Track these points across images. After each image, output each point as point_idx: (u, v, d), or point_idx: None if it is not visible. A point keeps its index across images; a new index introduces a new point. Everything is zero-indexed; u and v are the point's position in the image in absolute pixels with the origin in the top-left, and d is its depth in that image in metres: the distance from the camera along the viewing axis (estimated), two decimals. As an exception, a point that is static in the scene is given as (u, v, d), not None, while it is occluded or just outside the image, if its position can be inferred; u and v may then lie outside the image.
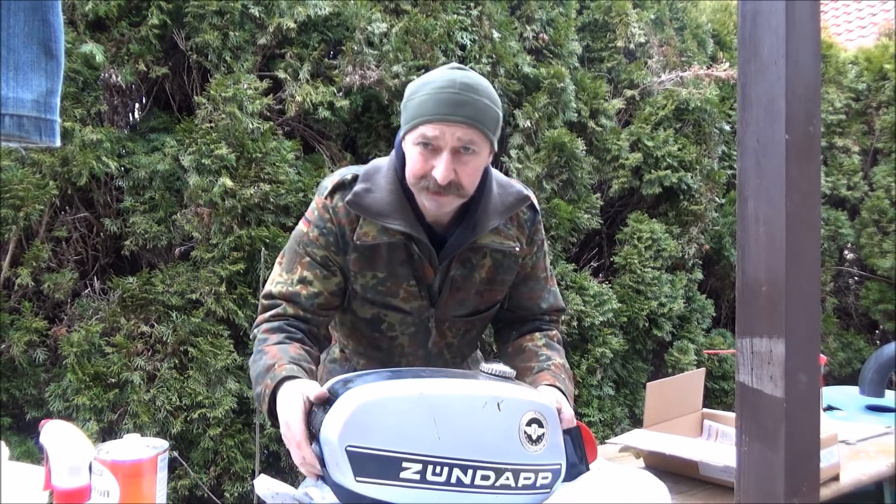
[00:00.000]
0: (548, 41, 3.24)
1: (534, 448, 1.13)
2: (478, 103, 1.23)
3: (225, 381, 2.42)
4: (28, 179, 2.26)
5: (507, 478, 1.11)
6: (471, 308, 1.42)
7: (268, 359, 1.25)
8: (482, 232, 1.34)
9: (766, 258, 0.83)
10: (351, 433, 1.03)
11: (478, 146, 1.24)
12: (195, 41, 2.48)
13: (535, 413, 1.13)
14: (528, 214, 1.43)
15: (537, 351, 1.43)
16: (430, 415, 1.06)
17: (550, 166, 3.12)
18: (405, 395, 1.06)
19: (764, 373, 0.83)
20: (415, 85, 1.29)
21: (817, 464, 0.84)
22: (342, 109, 2.63)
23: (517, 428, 1.11)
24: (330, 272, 1.35)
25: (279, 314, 1.34)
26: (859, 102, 4.71)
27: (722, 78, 3.59)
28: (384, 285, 1.35)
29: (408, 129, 1.26)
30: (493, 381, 1.15)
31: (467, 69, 1.28)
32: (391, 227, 1.30)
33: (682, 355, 3.47)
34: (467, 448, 1.08)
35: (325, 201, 1.34)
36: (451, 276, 1.36)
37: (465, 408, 1.09)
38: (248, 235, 2.43)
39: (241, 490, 2.44)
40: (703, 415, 1.83)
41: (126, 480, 1.06)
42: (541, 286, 1.50)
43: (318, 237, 1.35)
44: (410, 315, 1.38)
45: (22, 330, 2.28)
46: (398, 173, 1.33)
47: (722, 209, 3.83)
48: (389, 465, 1.04)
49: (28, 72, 0.76)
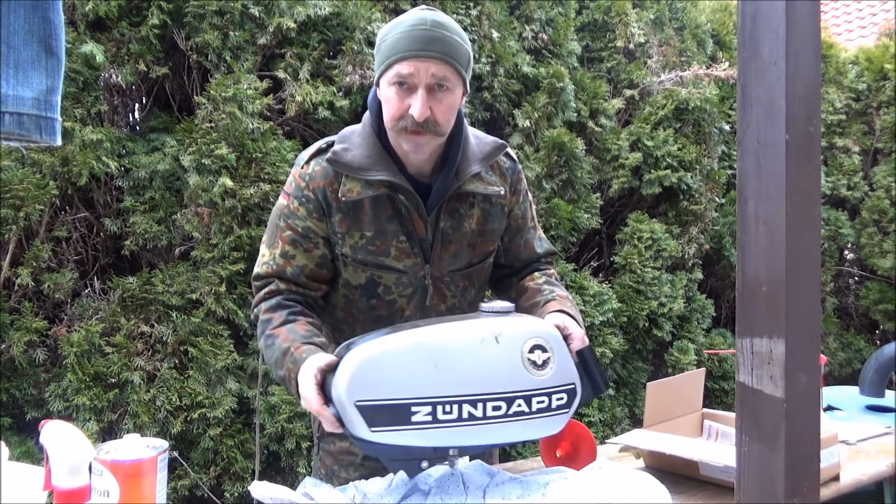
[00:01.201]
0: (547, 41, 3.24)
1: (541, 373, 1.16)
2: (449, 39, 1.25)
3: (225, 381, 2.42)
4: (28, 179, 2.26)
5: (518, 405, 1.14)
6: (464, 261, 1.42)
7: (280, 342, 1.27)
8: (465, 177, 1.36)
9: (766, 258, 0.83)
10: (357, 389, 1.08)
11: (451, 83, 1.26)
12: (195, 41, 2.48)
13: (536, 339, 1.16)
14: (508, 163, 1.46)
15: (539, 287, 1.45)
16: (430, 360, 1.10)
17: (550, 166, 3.12)
18: (403, 345, 1.11)
19: (764, 373, 0.83)
20: (385, 28, 1.31)
21: (817, 464, 0.84)
22: (342, 109, 2.63)
23: (520, 356, 1.14)
24: (312, 244, 1.36)
25: (273, 291, 1.36)
26: (859, 102, 4.70)
27: (722, 78, 3.59)
28: (374, 244, 1.35)
29: (382, 69, 1.27)
30: (491, 318, 1.18)
31: (436, 9, 1.30)
32: (374, 179, 1.31)
33: (682, 355, 3.47)
34: (473, 384, 1.12)
35: (302, 170, 1.36)
36: (442, 229, 1.37)
37: (464, 347, 1.12)
38: (248, 235, 2.43)
39: (241, 490, 2.44)
40: (703, 415, 1.83)
41: (126, 480, 1.06)
42: (532, 235, 1.53)
43: (297, 208, 1.36)
44: (405, 274, 1.38)
45: (22, 330, 2.28)
46: (374, 128, 1.35)
47: (722, 209, 3.83)
48: (399, 411, 1.09)
49: (28, 69, 0.76)
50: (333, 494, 1.23)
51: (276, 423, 2.47)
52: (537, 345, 1.16)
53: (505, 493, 1.22)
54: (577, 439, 1.49)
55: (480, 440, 1.16)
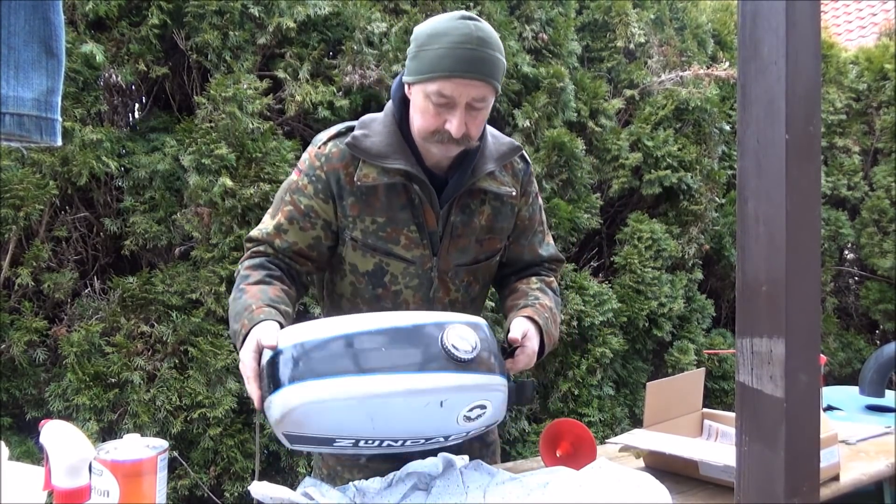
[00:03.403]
0: (547, 41, 3.24)
1: (470, 423, 1.16)
2: (493, 58, 1.26)
3: (225, 380, 2.42)
4: (28, 179, 2.26)
5: (437, 441, 1.18)
6: (471, 256, 1.43)
7: (247, 297, 1.27)
8: (480, 174, 1.37)
9: (766, 258, 0.83)
10: (287, 426, 1.09)
11: (488, 100, 1.29)
12: (195, 41, 2.48)
13: (481, 401, 1.14)
14: (521, 165, 1.48)
15: (528, 291, 1.45)
16: (367, 415, 1.08)
17: (550, 166, 3.12)
18: (345, 398, 1.06)
19: (764, 373, 0.83)
20: (426, 33, 1.27)
21: (817, 464, 0.84)
22: (342, 109, 2.63)
23: (457, 416, 1.14)
24: (310, 223, 1.37)
25: (261, 251, 1.38)
26: (860, 102, 4.70)
27: (722, 78, 3.59)
28: (384, 230, 1.36)
29: (420, 80, 1.26)
30: (444, 374, 1.09)
31: (478, 18, 1.28)
32: (391, 167, 1.32)
33: (682, 355, 3.47)
34: (401, 433, 1.13)
35: (318, 150, 1.37)
36: (452, 222, 1.38)
37: (406, 407, 1.09)
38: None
39: (240, 490, 2.44)
40: (703, 415, 1.83)
41: (126, 480, 1.07)
42: (539, 239, 1.54)
43: (306, 185, 1.37)
44: (413, 264, 1.38)
45: (22, 330, 2.28)
46: (395, 118, 1.36)
47: (722, 209, 3.82)
48: (323, 441, 1.11)
49: (29, 70, 0.76)
50: (333, 494, 1.23)
51: (276, 422, 2.46)
52: (479, 405, 1.14)
53: (505, 493, 1.22)
54: (577, 439, 1.49)
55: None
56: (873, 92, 4.73)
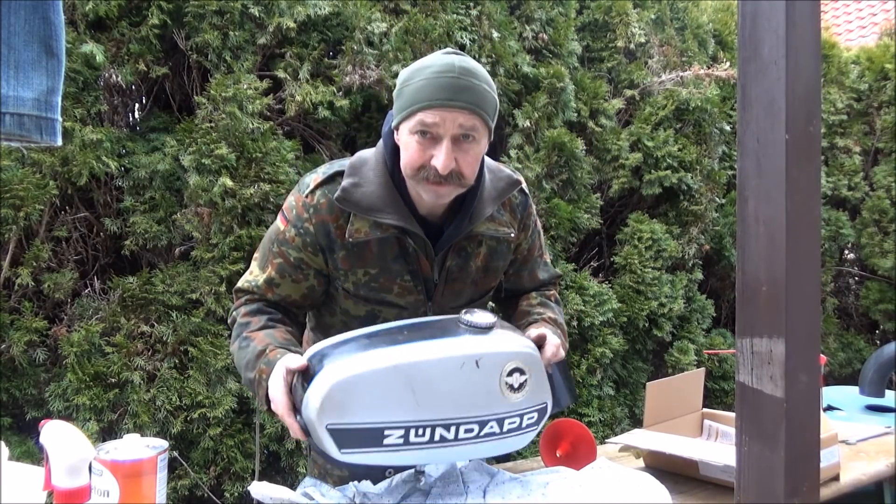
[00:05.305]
0: (547, 41, 3.24)
1: (516, 396, 1.14)
2: (478, 88, 1.19)
3: (225, 380, 2.42)
4: (28, 179, 2.26)
5: (491, 427, 1.13)
6: (467, 298, 1.40)
7: (256, 344, 1.24)
8: (478, 220, 1.31)
9: (766, 258, 0.83)
10: (329, 413, 1.05)
11: (478, 133, 1.21)
12: (195, 41, 2.48)
13: (515, 363, 1.14)
14: (519, 199, 1.41)
15: (530, 310, 1.44)
16: (407, 385, 1.07)
17: (550, 166, 3.12)
18: (380, 368, 1.07)
19: (764, 373, 0.83)
20: (409, 71, 1.24)
21: (817, 464, 0.84)
22: (342, 109, 2.63)
23: (498, 380, 1.12)
24: (302, 275, 1.32)
25: (255, 298, 1.34)
26: (861, 103, 4.70)
27: (722, 78, 3.59)
28: (377, 281, 1.32)
29: (403, 117, 1.21)
30: (472, 337, 1.13)
31: (463, 54, 1.24)
32: (384, 222, 1.26)
33: (682, 355, 3.46)
34: (448, 408, 1.10)
35: (306, 199, 1.29)
36: (448, 267, 1.34)
37: (443, 371, 1.09)
38: (248, 235, 2.43)
39: (240, 490, 2.44)
40: (703, 415, 1.83)
41: (126, 480, 1.07)
42: (538, 265, 1.51)
43: (294, 237, 1.31)
44: (406, 310, 1.35)
45: (22, 330, 2.28)
46: (387, 165, 1.29)
47: (722, 209, 3.82)
48: (371, 435, 1.07)
49: (29, 70, 0.76)
50: (333, 494, 1.23)
51: (275, 423, 2.46)
52: (516, 368, 1.13)
53: (505, 493, 1.22)
54: (577, 439, 1.49)
55: (448, 459, 1.17)
56: (874, 92, 4.73)
